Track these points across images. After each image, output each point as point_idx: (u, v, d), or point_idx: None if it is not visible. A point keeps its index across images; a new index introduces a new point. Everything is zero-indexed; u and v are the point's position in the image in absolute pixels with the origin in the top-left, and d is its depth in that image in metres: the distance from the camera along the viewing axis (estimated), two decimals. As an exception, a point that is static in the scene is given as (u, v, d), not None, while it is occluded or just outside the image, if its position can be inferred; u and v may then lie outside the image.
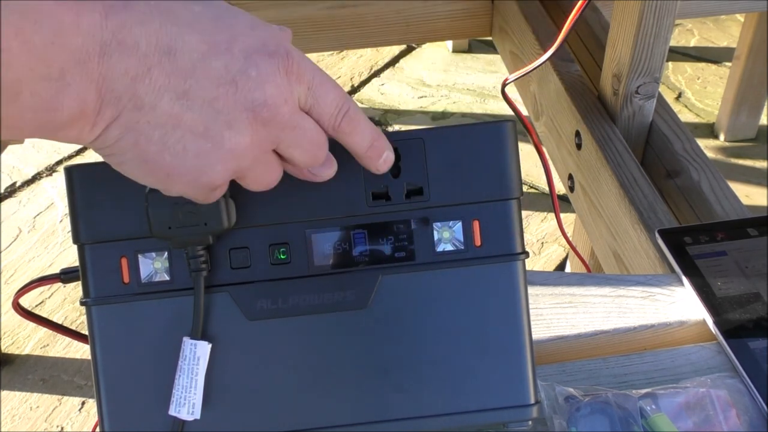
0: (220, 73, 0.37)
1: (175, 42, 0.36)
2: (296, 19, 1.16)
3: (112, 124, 0.36)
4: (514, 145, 0.47)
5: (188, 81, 0.37)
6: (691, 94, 1.88)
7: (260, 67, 0.38)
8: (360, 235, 0.47)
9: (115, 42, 0.35)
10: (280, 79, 0.38)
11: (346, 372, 0.47)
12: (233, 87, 0.37)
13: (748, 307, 0.62)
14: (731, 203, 0.81)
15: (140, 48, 0.35)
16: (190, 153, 0.38)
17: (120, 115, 0.36)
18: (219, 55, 0.37)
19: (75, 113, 0.35)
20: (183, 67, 0.36)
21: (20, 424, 1.25)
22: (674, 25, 0.86)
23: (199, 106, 0.37)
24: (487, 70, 1.95)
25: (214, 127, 0.38)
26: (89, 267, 0.46)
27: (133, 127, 0.37)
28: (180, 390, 0.45)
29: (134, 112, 0.36)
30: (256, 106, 0.38)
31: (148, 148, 0.37)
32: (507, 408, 0.47)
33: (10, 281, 1.46)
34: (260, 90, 0.38)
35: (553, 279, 0.66)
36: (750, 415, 0.54)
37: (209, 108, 0.37)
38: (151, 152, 0.37)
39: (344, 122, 0.41)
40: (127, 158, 0.38)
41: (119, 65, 0.35)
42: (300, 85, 0.39)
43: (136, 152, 0.37)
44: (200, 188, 0.40)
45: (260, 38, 0.39)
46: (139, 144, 0.37)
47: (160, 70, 0.36)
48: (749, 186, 1.64)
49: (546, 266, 1.50)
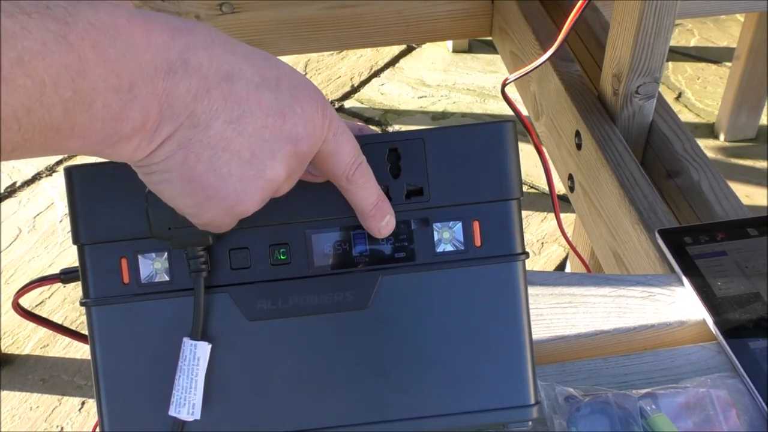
0: (270, 104, 0.39)
1: (233, 69, 0.38)
2: (296, 19, 1.16)
3: (167, 141, 0.37)
4: (514, 145, 0.47)
5: (242, 107, 0.38)
6: (691, 94, 1.88)
7: (304, 106, 0.40)
8: (360, 236, 0.47)
9: (180, 61, 0.36)
10: (318, 120, 0.41)
11: (346, 372, 0.47)
12: (281, 119, 0.39)
13: (748, 307, 0.62)
14: (731, 203, 0.81)
15: (202, 70, 0.37)
16: (235, 177, 0.39)
17: (176, 132, 0.37)
18: (270, 88, 0.39)
19: (137, 126, 0.36)
20: (239, 94, 0.38)
21: (20, 424, 1.25)
22: (674, 25, 0.86)
23: (249, 133, 0.39)
24: (487, 70, 1.95)
25: (260, 154, 0.39)
26: (89, 267, 0.46)
27: (185, 144, 0.38)
28: (180, 390, 0.45)
29: (189, 129, 0.37)
30: (298, 140, 0.40)
31: (196, 167, 0.38)
32: (507, 408, 0.47)
33: (10, 281, 1.46)
34: (303, 126, 0.40)
35: (553, 279, 0.66)
36: (750, 415, 0.54)
37: (257, 136, 0.39)
38: (197, 171, 0.38)
39: (358, 173, 0.43)
40: (173, 176, 0.39)
41: (182, 84, 0.37)
42: (329, 131, 0.41)
43: (182, 170, 0.38)
44: (234, 215, 0.41)
45: (300, 81, 0.41)
46: (187, 162, 0.38)
47: (219, 93, 0.38)
48: (749, 186, 1.64)
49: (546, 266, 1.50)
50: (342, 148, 0.42)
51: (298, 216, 0.46)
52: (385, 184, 0.46)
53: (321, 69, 1.94)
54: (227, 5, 1.12)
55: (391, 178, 0.46)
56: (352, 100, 1.87)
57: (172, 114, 0.37)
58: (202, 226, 0.42)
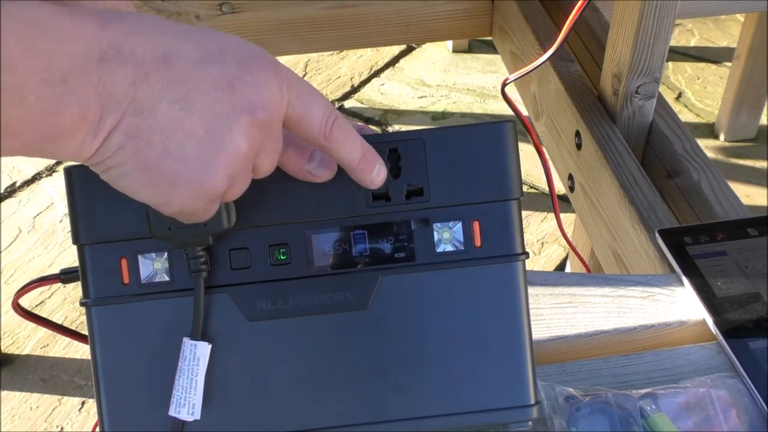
0: (215, 78, 0.38)
1: (170, 49, 0.37)
2: (296, 19, 1.16)
3: (113, 132, 0.37)
4: (514, 145, 0.47)
5: (186, 85, 0.37)
6: (691, 94, 1.88)
7: (254, 74, 0.39)
8: (360, 236, 0.47)
9: (112, 50, 0.36)
10: (274, 86, 0.39)
11: (346, 373, 0.47)
12: (230, 91, 0.38)
13: (748, 307, 0.62)
14: (731, 203, 0.81)
15: (137, 55, 0.36)
16: (192, 157, 0.38)
17: (120, 121, 0.37)
18: (213, 62, 0.38)
19: (77, 119, 0.36)
20: (180, 73, 0.37)
21: (20, 424, 1.25)
22: (674, 25, 0.86)
23: (199, 110, 0.38)
24: (487, 70, 1.95)
25: (215, 130, 0.38)
26: (89, 267, 0.46)
27: (134, 133, 0.37)
28: (180, 391, 0.45)
29: (134, 117, 0.37)
30: (254, 109, 0.39)
31: (150, 154, 0.37)
32: (507, 408, 0.47)
33: (10, 281, 1.46)
34: (257, 94, 0.39)
35: (553, 279, 0.66)
36: (750, 415, 0.54)
37: (208, 112, 0.38)
38: (152, 158, 0.38)
39: (335, 129, 0.42)
40: (128, 168, 0.38)
41: (117, 71, 0.36)
42: (290, 93, 0.40)
43: (137, 160, 0.38)
44: (202, 197, 0.40)
45: (248, 50, 0.40)
46: (140, 151, 0.37)
47: (158, 75, 0.37)
48: (749, 186, 1.64)
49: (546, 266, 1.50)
50: (311, 108, 0.41)
51: (298, 216, 0.46)
52: (385, 185, 0.46)
53: (321, 69, 1.94)
54: (227, 5, 1.12)
55: (391, 179, 0.46)
56: (352, 100, 1.87)
57: (112, 103, 0.36)
58: (179, 215, 0.41)
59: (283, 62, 0.41)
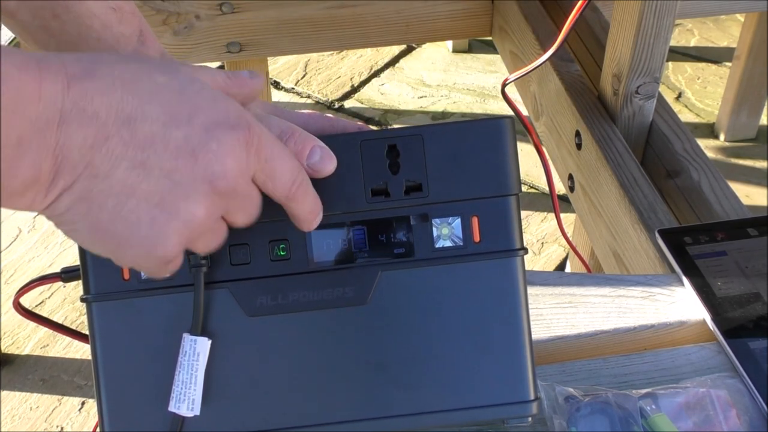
0: (179, 144, 0.37)
1: (135, 112, 0.36)
2: (296, 19, 1.16)
3: (65, 192, 0.36)
4: (512, 141, 0.47)
5: (146, 151, 0.36)
6: (691, 94, 1.88)
7: (221, 141, 0.38)
8: (359, 232, 0.47)
9: (75, 111, 0.35)
10: (240, 151, 0.38)
11: (345, 368, 0.47)
12: (192, 159, 0.37)
13: (748, 307, 0.62)
14: (731, 203, 0.81)
15: (100, 117, 0.35)
16: (144, 223, 0.37)
17: (74, 183, 0.36)
18: (180, 126, 0.37)
19: (28, 181, 0.35)
20: (142, 137, 0.36)
21: (20, 424, 1.25)
22: (674, 25, 0.86)
23: (156, 177, 0.37)
24: (487, 70, 1.95)
25: (170, 198, 0.37)
26: (90, 263, 0.46)
27: (86, 196, 0.36)
28: (180, 386, 0.45)
29: (88, 180, 0.36)
30: (214, 179, 0.38)
31: (100, 217, 0.37)
32: (506, 404, 0.47)
33: (10, 281, 1.46)
34: (220, 163, 0.38)
35: (553, 279, 0.66)
36: (750, 415, 0.54)
37: (166, 179, 0.37)
38: (102, 221, 0.37)
39: (299, 192, 0.42)
40: (78, 227, 0.37)
41: (77, 134, 0.35)
42: (258, 158, 0.40)
43: (87, 221, 0.37)
44: (154, 261, 0.39)
45: (222, 111, 0.39)
46: (91, 212, 0.37)
47: (119, 139, 0.36)
48: (749, 186, 1.64)
49: (546, 266, 1.50)
50: (278, 172, 0.41)
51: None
52: (384, 180, 0.46)
53: (321, 69, 1.94)
54: (227, 5, 1.12)
55: (390, 174, 0.46)
56: (352, 100, 1.87)
57: (67, 166, 0.35)
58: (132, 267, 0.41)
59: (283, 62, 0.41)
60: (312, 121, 0.48)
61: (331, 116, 0.49)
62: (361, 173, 0.46)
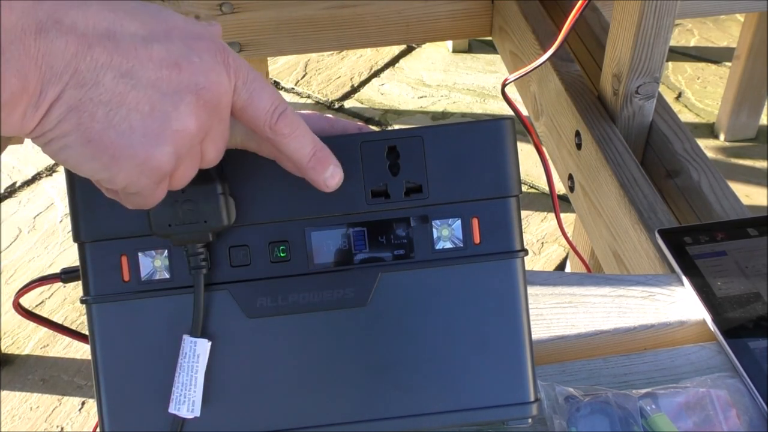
0: (162, 56, 0.37)
1: (113, 26, 0.36)
2: (296, 19, 1.16)
3: (54, 104, 0.36)
4: (512, 142, 0.47)
5: (131, 61, 0.37)
6: (691, 94, 1.88)
7: (202, 56, 0.38)
8: (359, 233, 0.47)
9: (51, 21, 0.35)
10: (220, 68, 0.39)
11: (345, 370, 0.47)
12: (177, 69, 0.37)
13: (748, 307, 0.62)
14: (731, 203, 0.81)
15: (78, 28, 0.35)
16: (137, 132, 0.37)
17: (62, 93, 0.36)
18: (160, 40, 0.37)
19: (17, 91, 0.35)
20: (125, 48, 0.36)
21: (20, 424, 1.25)
22: (674, 25, 0.86)
23: (144, 86, 0.37)
24: (487, 70, 1.95)
25: (160, 107, 0.37)
26: (89, 265, 0.46)
27: (76, 105, 0.36)
28: (180, 388, 0.45)
29: (77, 89, 0.36)
30: (200, 90, 0.38)
31: (92, 126, 0.37)
32: (506, 405, 0.47)
33: (10, 281, 1.46)
34: (204, 75, 0.38)
35: (553, 279, 0.66)
36: (750, 415, 0.54)
37: (153, 89, 0.37)
38: (95, 130, 0.37)
39: (281, 121, 0.41)
40: (70, 140, 0.37)
41: (57, 42, 0.35)
42: (237, 78, 0.40)
43: (79, 133, 0.37)
44: (148, 174, 0.39)
45: (196, 30, 0.39)
46: (82, 123, 0.37)
47: (102, 48, 0.36)
48: (749, 186, 1.64)
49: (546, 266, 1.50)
50: (257, 97, 0.40)
51: (298, 213, 0.46)
52: (384, 182, 0.46)
53: (321, 69, 1.94)
54: (227, 5, 1.12)
55: (390, 176, 0.46)
56: (352, 100, 1.87)
57: (53, 75, 0.35)
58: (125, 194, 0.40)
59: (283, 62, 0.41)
60: (312, 122, 0.48)
61: (330, 116, 0.49)
62: (361, 174, 0.46)
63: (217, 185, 0.44)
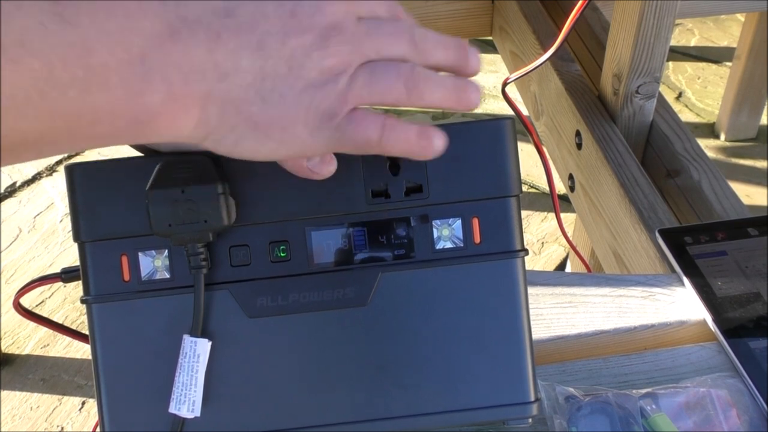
0: (277, 13, 0.37)
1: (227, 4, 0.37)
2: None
3: (207, 104, 0.36)
4: (513, 142, 0.47)
5: (256, 32, 0.37)
6: (692, 94, 1.88)
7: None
8: (359, 233, 0.47)
9: (178, 21, 0.35)
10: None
11: (346, 369, 0.47)
12: (295, 20, 0.37)
13: (748, 306, 0.62)
14: (731, 203, 0.81)
15: (203, 20, 0.36)
16: (288, 96, 0.37)
17: (211, 92, 0.36)
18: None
19: (165, 97, 0.35)
20: (245, 22, 0.37)
21: (20, 424, 1.25)
22: (674, 24, 0.86)
23: (276, 51, 0.37)
24: (487, 70, 1.95)
25: (295, 63, 0.37)
26: (90, 265, 0.46)
27: (228, 97, 0.37)
28: (180, 387, 0.45)
29: (222, 82, 0.36)
30: (323, 30, 0.38)
31: (252, 110, 0.37)
32: (507, 405, 0.47)
33: (11, 281, 1.46)
34: (320, 14, 0.38)
35: (553, 279, 0.66)
36: (750, 415, 0.54)
37: (284, 48, 0.37)
38: (256, 114, 0.37)
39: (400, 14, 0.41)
40: (240, 131, 0.38)
41: (191, 40, 0.35)
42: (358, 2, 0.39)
43: (244, 121, 0.37)
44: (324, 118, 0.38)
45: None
46: (242, 111, 0.37)
47: (228, 33, 0.36)
48: (749, 186, 1.64)
49: (546, 266, 1.50)
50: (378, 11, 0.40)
51: (298, 213, 0.46)
52: (384, 182, 0.46)
53: (321, 69, 1.94)
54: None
55: (390, 176, 0.46)
56: (352, 100, 1.87)
57: (196, 75, 0.36)
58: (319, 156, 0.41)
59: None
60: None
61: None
62: (362, 174, 0.46)
63: (218, 185, 0.44)
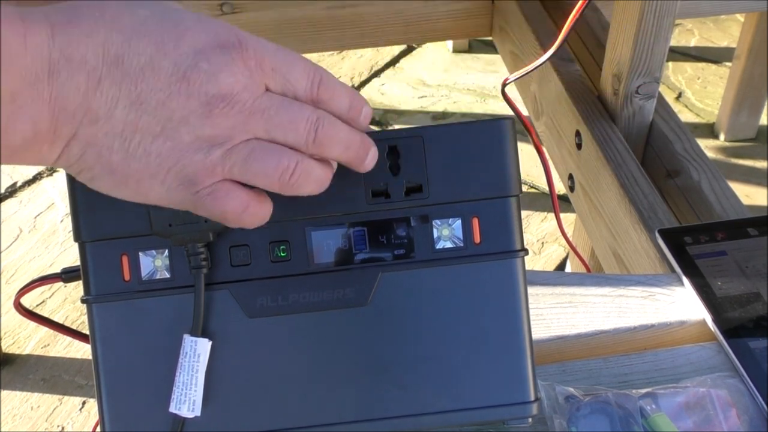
0: (170, 72, 0.37)
1: (121, 49, 0.36)
2: (296, 19, 1.16)
3: (71, 142, 0.37)
4: (513, 142, 0.47)
5: (139, 86, 0.37)
6: (691, 94, 1.88)
7: (211, 60, 0.37)
8: (360, 233, 0.47)
9: (63, 59, 0.35)
10: (236, 67, 0.38)
11: (346, 369, 0.47)
12: (185, 83, 0.37)
13: (748, 306, 0.62)
14: (731, 203, 0.81)
15: (89, 62, 0.36)
16: (153, 154, 0.38)
17: (77, 132, 0.36)
18: (168, 54, 0.37)
19: (29, 136, 0.35)
20: (132, 73, 0.36)
21: (21, 423, 1.25)
22: (674, 24, 0.86)
23: (153, 108, 0.37)
24: (487, 70, 1.95)
25: (170, 125, 0.37)
26: (90, 265, 0.46)
27: (92, 141, 0.37)
28: (180, 387, 0.45)
29: (90, 126, 0.36)
30: (210, 99, 0.37)
31: (112, 158, 0.37)
32: (507, 405, 0.47)
33: (11, 281, 1.46)
34: (213, 82, 0.37)
35: (553, 279, 0.66)
36: (750, 415, 0.54)
37: (163, 108, 0.37)
38: (115, 162, 0.37)
39: (323, 91, 0.40)
40: (96, 173, 0.38)
41: (69, 83, 0.35)
42: (262, 70, 0.39)
43: (102, 165, 0.38)
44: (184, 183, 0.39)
45: (209, 31, 0.38)
46: (102, 156, 0.37)
47: (111, 80, 0.36)
48: (749, 186, 1.64)
49: (546, 266, 1.50)
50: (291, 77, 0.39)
51: (298, 213, 0.46)
52: (384, 182, 0.46)
53: (321, 69, 1.94)
54: (227, 5, 1.12)
55: (390, 176, 0.46)
56: (352, 100, 1.87)
57: (66, 116, 0.36)
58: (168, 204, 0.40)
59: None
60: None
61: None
62: (362, 174, 0.46)
63: (218, 185, 0.44)
